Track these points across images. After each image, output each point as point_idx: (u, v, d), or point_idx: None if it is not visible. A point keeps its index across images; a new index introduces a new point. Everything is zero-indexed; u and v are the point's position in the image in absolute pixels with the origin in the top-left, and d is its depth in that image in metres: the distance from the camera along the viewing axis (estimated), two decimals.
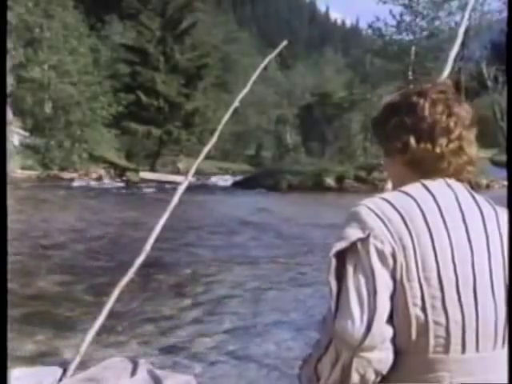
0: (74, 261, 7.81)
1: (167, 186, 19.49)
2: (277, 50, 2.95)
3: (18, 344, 4.19)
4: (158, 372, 2.43)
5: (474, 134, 1.22)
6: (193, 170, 2.62)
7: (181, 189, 2.47)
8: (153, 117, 30.20)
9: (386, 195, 1.18)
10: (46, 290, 6.17)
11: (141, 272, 2.75)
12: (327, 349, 1.14)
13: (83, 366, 2.48)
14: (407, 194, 1.16)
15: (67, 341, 4.45)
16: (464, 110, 1.21)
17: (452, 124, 1.18)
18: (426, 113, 1.18)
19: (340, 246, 1.14)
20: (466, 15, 2.19)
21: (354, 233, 1.12)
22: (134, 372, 2.42)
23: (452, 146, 1.18)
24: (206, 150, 2.72)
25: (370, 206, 1.14)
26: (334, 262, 1.18)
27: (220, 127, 2.77)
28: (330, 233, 10.88)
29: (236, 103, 2.74)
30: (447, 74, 1.99)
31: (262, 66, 2.84)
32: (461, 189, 1.19)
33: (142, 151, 31.84)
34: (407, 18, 26.51)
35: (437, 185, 1.18)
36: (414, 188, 1.17)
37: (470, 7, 2.30)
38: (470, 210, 1.16)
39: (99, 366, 2.48)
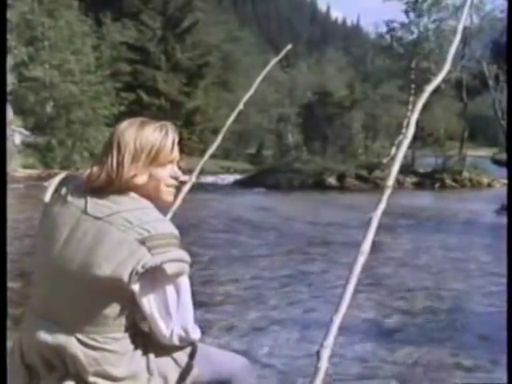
0: None
1: None
2: (281, 55, 2.93)
3: None
4: None
5: None
6: (197, 172, 2.61)
7: (184, 191, 2.47)
8: (154, 116, 30.05)
9: None
10: None
11: None
12: None
13: None
14: None
15: None
16: None
17: None
18: None
19: None
20: (465, 13, 2.18)
21: None
22: None
23: None
24: (210, 152, 2.70)
25: None
26: None
27: (224, 129, 2.76)
28: (330, 231, 10.88)
29: (240, 106, 2.72)
30: (446, 71, 1.97)
31: (266, 70, 2.81)
32: None
33: None
34: (412, 17, 26.51)
35: None
36: None
37: (468, 5, 2.28)
38: None
39: None
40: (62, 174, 1.75)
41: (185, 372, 1.71)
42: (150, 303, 1.57)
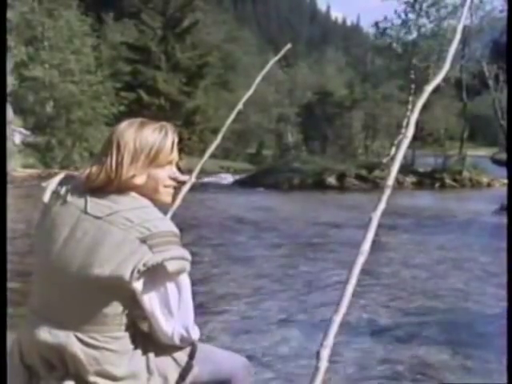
0: None
1: None
2: (280, 54, 2.92)
3: None
4: None
5: None
6: (196, 172, 2.61)
7: (184, 191, 2.47)
8: (154, 115, 30.05)
9: None
10: None
11: None
12: None
13: None
14: None
15: None
16: None
17: None
18: None
19: None
20: (465, 12, 2.18)
21: None
22: None
23: None
24: (209, 151, 2.70)
25: None
26: None
27: (224, 129, 2.76)
28: (330, 231, 10.88)
29: (240, 106, 2.72)
30: (446, 71, 1.97)
31: (265, 70, 2.81)
32: None
33: None
34: (411, 17, 26.47)
35: None
36: None
37: (467, 4, 2.27)
38: None
39: None
40: (61, 174, 1.75)
41: (185, 371, 1.71)
42: (151, 301, 1.58)
